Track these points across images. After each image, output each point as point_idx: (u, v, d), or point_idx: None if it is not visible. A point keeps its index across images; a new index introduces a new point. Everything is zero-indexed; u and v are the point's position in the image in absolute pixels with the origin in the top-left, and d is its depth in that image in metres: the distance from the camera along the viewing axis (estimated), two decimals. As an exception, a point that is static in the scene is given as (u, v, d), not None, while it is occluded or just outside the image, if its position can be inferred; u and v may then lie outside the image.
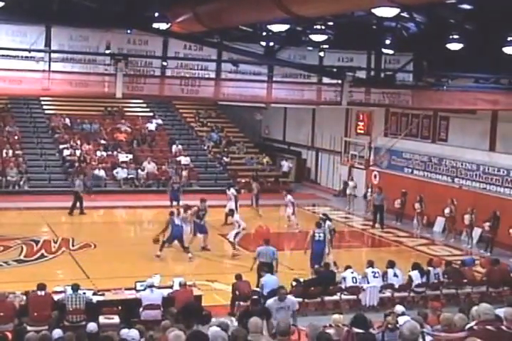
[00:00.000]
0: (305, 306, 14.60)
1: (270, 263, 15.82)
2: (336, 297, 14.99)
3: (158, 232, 19.28)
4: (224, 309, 14.10)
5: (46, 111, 34.25)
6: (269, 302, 11.41)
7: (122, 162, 30.91)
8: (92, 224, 25.02)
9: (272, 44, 18.37)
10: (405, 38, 18.69)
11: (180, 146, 33.30)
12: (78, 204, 24.62)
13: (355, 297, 15.03)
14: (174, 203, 24.82)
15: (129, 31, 16.97)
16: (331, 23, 17.17)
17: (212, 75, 17.71)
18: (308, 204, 29.16)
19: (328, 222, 18.64)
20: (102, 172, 29.66)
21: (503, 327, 6.64)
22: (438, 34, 16.76)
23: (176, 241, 19.16)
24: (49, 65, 15.82)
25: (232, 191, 24.32)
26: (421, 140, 26.79)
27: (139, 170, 30.37)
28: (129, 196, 27.71)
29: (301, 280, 15.16)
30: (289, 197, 24.16)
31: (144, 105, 36.58)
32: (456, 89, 19.44)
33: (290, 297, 11.98)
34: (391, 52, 18.79)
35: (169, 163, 31.67)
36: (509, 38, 15.68)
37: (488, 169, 22.98)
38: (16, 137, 31.47)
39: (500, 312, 7.23)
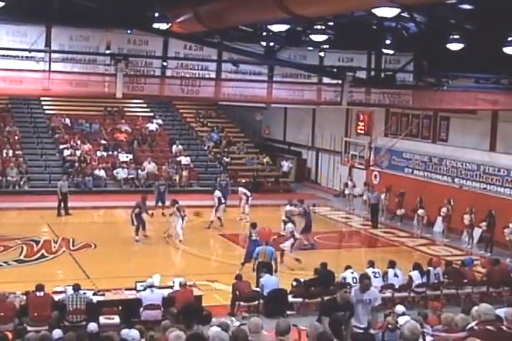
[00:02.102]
0: (305, 306, 14.63)
1: (269, 263, 15.87)
2: (336, 297, 14.96)
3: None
4: (224, 309, 14.09)
5: (46, 111, 34.25)
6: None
7: (122, 162, 30.91)
8: (92, 224, 25.04)
9: (272, 44, 18.37)
10: (405, 38, 18.68)
11: (180, 146, 33.30)
12: (63, 204, 24.54)
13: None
14: (160, 204, 24.66)
15: (129, 31, 16.97)
16: (331, 23, 17.15)
17: (213, 75, 17.71)
18: (309, 205, 29.13)
19: (288, 224, 19.06)
20: (102, 173, 29.67)
21: (504, 327, 6.63)
22: (438, 34, 16.76)
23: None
24: (49, 65, 15.82)
25: (216, 193, 24.25)
26: (421, 140, 26.79)
27: (139, 170, 30.37)
28: (129, 196, 27.69)
29: (302, 280, 15.17)
30: (240, 189, 25.21)
31: (144, 105, 36.59)
32: (456, 89, 19.43)
33: (373, 289, 10.51)
34: (391, 52, 18.79)
35: (169, 163, 31.68)
36: (509, 38, 15.67)
37: (489, 169, 22.98)
38: (16, 137, 31.46)
39: (501, 312, 7.23)
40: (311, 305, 14.81)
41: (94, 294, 13.44)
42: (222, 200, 23.75)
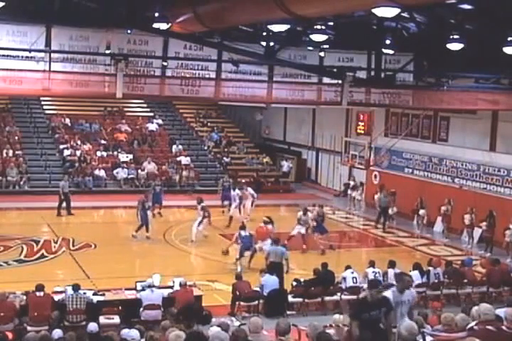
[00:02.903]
0: (305, 306, 14.63)
1: (280, 263, 15.93)
2: (336, 297, 14.98)
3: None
4: (224, 309, 14.10)
5: (46, 111, 34.26)
6: (387, 294, 8.92)
7: (123, 162, 30.90)
8: (92, 224, 25.02)
9: (272, 44, 18.39)
10: (405, 38, 18.70)
11: (180, 146, 33.29)
12: (65, 204, 24.48)
13: (355, 297, 14.99)
14: (156, 205, 24.55)
15: (129, 31, 16.99)
16: (331, 23, 17.18)
17: (213, 75, 17.73)
18: (309, 205, 29.10)
19: (270, 225, 19.15)
20: (102, 173, 29.67)
21: (504, 327, 6.64)
22: (438, 34, 16.78)
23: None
24: (49, 65, 15.85)
25: (237, 191, 24.39)
26: (421, 140, 26.78)
27: (139, 170, 30.36)
28: (129, 196, 27.67)
29: (302, 280, 15.17)
30: (249, 189, 25.01)
31: (145, 105, 36.59)
32: (456, 89, 19.45)
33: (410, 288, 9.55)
34: (391, 52, 18.81)
35: (169, 163, 31.68)
36: (509, 38, 15.68)
37: (489, 169, 22.97)
38: (16, 137, 31.46)
39: (501, 312, 7.23)
40: (311, 305, 14.84)
41: (94, 294, 13.43)
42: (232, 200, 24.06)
